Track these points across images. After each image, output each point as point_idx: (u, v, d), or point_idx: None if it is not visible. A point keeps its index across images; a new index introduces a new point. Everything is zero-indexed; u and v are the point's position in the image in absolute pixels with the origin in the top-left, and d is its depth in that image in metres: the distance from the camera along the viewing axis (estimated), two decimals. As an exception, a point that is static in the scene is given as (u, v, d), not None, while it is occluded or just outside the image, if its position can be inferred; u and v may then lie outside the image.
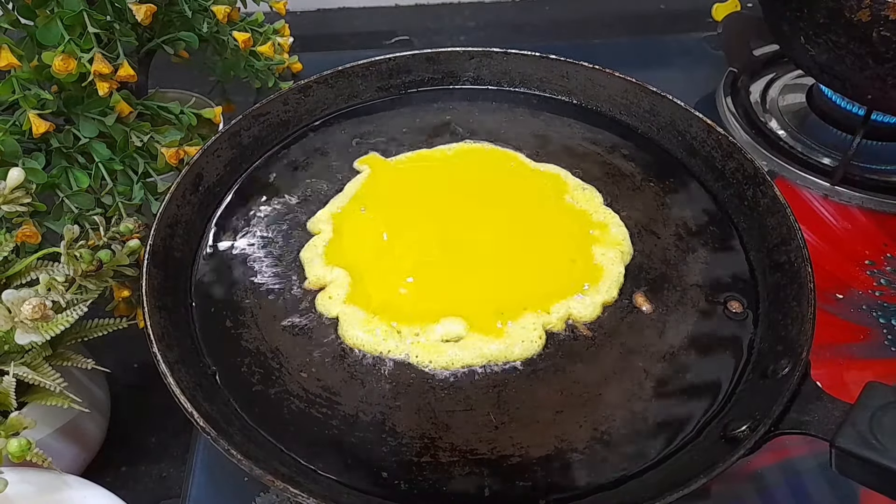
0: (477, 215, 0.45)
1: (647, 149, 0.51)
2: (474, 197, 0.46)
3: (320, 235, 0.44)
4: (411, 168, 0.49)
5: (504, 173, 0.49)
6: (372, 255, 0.43)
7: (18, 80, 0.41)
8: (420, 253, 0.43)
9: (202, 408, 0.34)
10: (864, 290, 0.51)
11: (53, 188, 0.43)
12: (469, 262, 0.42)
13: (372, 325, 0.39)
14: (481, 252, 0.43)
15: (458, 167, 0.49)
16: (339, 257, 0.42)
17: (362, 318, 0.39)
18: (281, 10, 0.61)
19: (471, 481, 0.34)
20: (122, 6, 0.44)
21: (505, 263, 0.42)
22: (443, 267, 0.42)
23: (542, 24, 0.84)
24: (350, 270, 0.41)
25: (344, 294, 0.40)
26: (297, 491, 0.31)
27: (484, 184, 0.48)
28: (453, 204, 0.46)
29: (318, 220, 0.45)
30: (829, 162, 0.60)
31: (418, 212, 0.45)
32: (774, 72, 0.71)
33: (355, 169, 0.49)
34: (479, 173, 0.49)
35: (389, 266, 0.42)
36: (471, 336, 0.38)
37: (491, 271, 0.42)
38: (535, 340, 0.38)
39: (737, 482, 0.42)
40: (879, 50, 0.49)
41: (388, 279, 0.41)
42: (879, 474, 0.30)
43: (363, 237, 0.44)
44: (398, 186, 0.47)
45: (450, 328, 0.38)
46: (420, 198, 0.46)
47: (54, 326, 0.36)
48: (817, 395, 0.33)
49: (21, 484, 0.35)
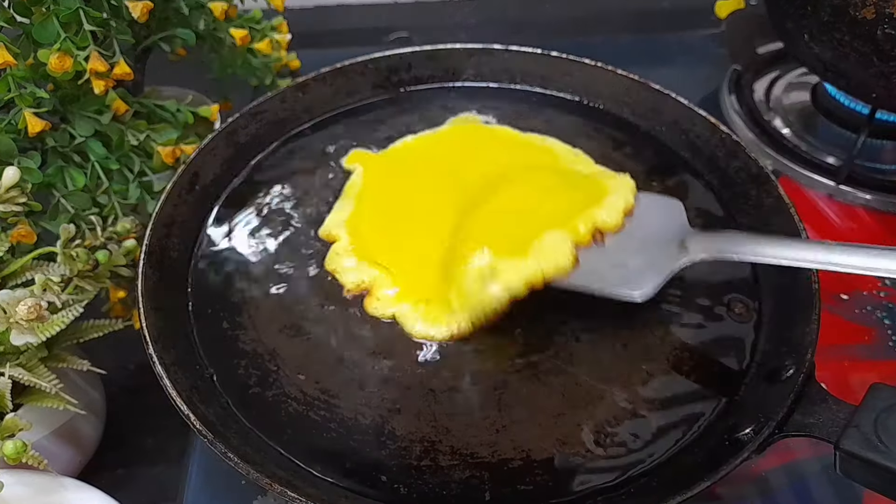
0: (484, 181, 0.45)
1: (649, 147, 0.50)
2: (473, 167, 0.46)
3: (340, 242, 0.43)
4: (402, 155, 0.49)
5: (496, 142, 0.49)
6: (402, 247, 0.42)
7: (14, 79, 0.41)
8: (444, 228, 0.42)
9: (199, 410, 0.33)
10: (868, 290, 0.51)
11: (49, 187, 0.43)
12: (490, 219, 0.42)
13: (431, 314, 0.39)
14: (499, 208, 0.42)
15: (448, 144, 0.49)
16: (371, 257, 0.42)
17: (422, 312, 0.39)
18: (279, 6, 0.61)
19: (471, 485, 0.33)
20: (118, 3, 0.43)
21: (522, 209, 0.42)
22: (469, 231, 0.41)
23: (544, 20, 0.84)
24: (388, 267, 0.41)
25: (392, 293, 0.40)
26: (294, 494, 0.30)
27: (478, 154, 0.48)
28: (457, 176, 0.46)
29: (331, 227, 0.44)
30: (833, 161, 0.60)
31: (427, 193, 0.45)
32: (778, 70, 0.70)
33: (346, 169, 0.48)
34: (470, 146, 0.49)
35: (421, 252, 0.41)
36: (501, 262, 0.38)
37: (510, 216, 0.41)
38: (566, 254, 0.38)
39: (741, 485, 0.41)
40: (884, 48, 0.48)
41: (424, 263, 0.41)
42: (884, 477, 0.29)
43: (388, 232, 0.43)
44: (396, 175, 0.47)
45: (480, 261, 0.38)
46: (423, 179, 0.46)
47: (50, 327, 0.36)
48: (822, 397, 0.33)
49: (16, 486, 0.35)
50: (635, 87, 0.51)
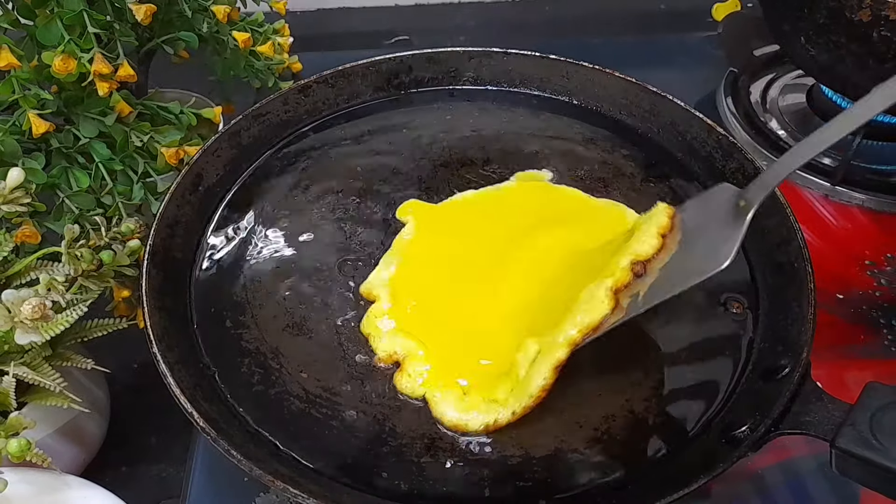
0: (544, 257, 0.42)
1: (647, 149, 0.51)
2: (532, 235, 0.43)
3: (378, 303, 0.40)
4: (458, 212, 0.46)
5: (559, 207, 0.46)
6: (443, 325, 0.39)
7: (18, 80, 0.41)
8: (490, 309, 0.40)
9: (202, 408, 0.34)
10: (864, 290, 0.51)
11: (53, 188, 0.43)
12: (532, 301, 0.40)
13: (470, 404, 0.36)
14: (541, 284, 0.40)
15: (509, 205, 0.46)
16: (412, 330, 0.39)
17: (455, 399, 0.36)
18: (281, 9, 0.61)
19: (471, 482, 0.34)
20: (121, 6, 0.44)
21: (559, 281, 0.40)
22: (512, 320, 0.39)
23: (543, 23, 0.84)
24: (426, 343, 0.38)
25: (425, 371, 0.37)
26: (297, 491, 0.31)
27: (540, 219, 0.45)
28: (511, 246, 0.43)
29: (372, 285, 0.41)
30: (829, 162, 0.60)
31: (477, 264, 0.42)
32: (775, 72, 0.71)
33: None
34: (532, 208, 0.46)
35: (462, 334, 0.39)
36: (546, 344, 0.36)
37: (550, 292, 0.39)
38: (603, 301, 0.36)
39: (737, 482, 0.42)
40: (880, 50, 0.48)
41: (465, 348, 0.38)
42: (879, 475, 0.30)
43: (429, 305, 0.40)
44: (448, 236, 0.44)
45: (529, 353, 0.37)
46: (475, 246, 0.43)
47: (54, 326, 0.36)
48: (817, 396, 0.33)
49: (21, 484, 0.35)
50: (633, 89, 0.52)
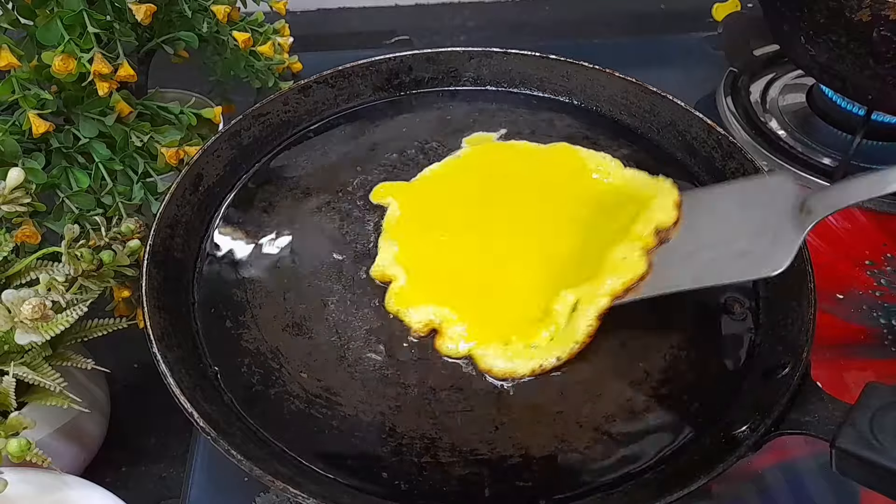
0: (529, 204, 0.45)
1: (647, 149, 0.51)
2: (510, 190, 0.46)
3: (395, 282, 0.41)
4: (433, 184, 0.47)
5: (520, 160, 0.48)
6: (469, 286, 0.41)
7: (18, 80, 0.41)
8: (509, 262, 0.42)
9: (202, 408, 0.34)
10: (864, 290, 0.51)
11: (53, 188, 0.43)
12: (554, 251, 0.42)
13: (514, 352, 0.38)
14: (557, 236, 0.43)
15: (476, 168, 0.48)
16: (438, 296, 0.40)
17: (500, 350, 0.38)
18: (281, 9, 0.61)
19: (471, 481, 0.34)
20: (121, 6, 0.44)
21: (580, 234, 0.42)
22: (530, 262, 0.41)
23: (543, 23, 0.84)
24: (456, 306, 0.39)
25: (464, 331, 0.39)
26: (297, 491, 0.31)
27: (509, 175, 0.47)
28: (497, 202, 0.45)
29: (383, 267, 0.42)
30: (829, 162, 0.60)
31: (475, 224, 0.44)
32: (774, 72, 0.71)
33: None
34: (498, 169, 0.48)
35: (492, 290, 0.41)
36: (584, 293, 0.38)
37: (573, 243, 0.42)
38: (636, 260, 0.38)
39: (737, 482, 0.42)
40: (880, 50, 0.49)
41: (497, 302, 0.40)
42: (880, 475, 0.30)
43: (448, 271, 0.42)
44: (435, 206, 0.46)
45: (566, 300, 0.38)
46: (464, 209, 0.45)
47: (54, 326, 0.36)
48: (818, 396, 0.33)
49: (21, 484, 0.35)
50: (633, 89, 0.52)
